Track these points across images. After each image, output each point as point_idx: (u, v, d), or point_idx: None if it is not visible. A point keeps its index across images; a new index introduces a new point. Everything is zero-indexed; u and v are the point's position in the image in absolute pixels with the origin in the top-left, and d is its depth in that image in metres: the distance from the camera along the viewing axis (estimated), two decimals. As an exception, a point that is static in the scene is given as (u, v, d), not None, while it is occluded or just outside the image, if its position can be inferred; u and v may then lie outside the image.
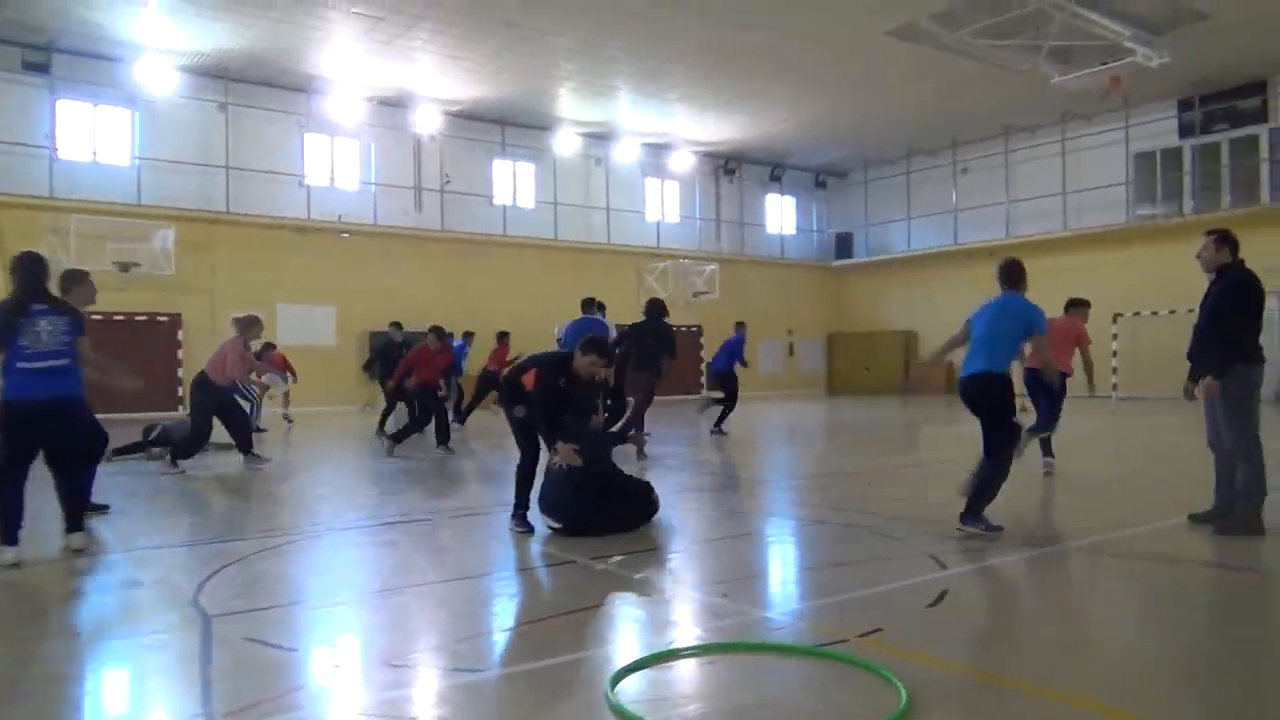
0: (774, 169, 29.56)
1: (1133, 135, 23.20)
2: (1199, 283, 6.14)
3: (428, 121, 22.27)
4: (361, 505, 7.71)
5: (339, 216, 21.67)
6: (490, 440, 13.32)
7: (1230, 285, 5.76)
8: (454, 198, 23.36)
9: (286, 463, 10.98)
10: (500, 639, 4.00)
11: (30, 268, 5.52)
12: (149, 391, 18.72)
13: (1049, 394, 8.44)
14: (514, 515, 6.18)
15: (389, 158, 22.62)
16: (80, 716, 3.16)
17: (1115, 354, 21.85)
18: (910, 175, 28.49)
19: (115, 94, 19.13)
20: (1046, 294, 26.53)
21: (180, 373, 19.43)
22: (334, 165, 22.04)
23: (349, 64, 19.37)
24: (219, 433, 9.88)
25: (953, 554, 5.22)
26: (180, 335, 19.60)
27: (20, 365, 5.34)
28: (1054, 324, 7.87)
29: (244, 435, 9.95)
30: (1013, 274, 6.14)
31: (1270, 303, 7.03)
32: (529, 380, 6.11)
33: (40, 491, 5.69)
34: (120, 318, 18.49)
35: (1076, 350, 8.79)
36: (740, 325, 15.12)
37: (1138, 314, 21.70)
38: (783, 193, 30.41)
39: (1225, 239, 5.92)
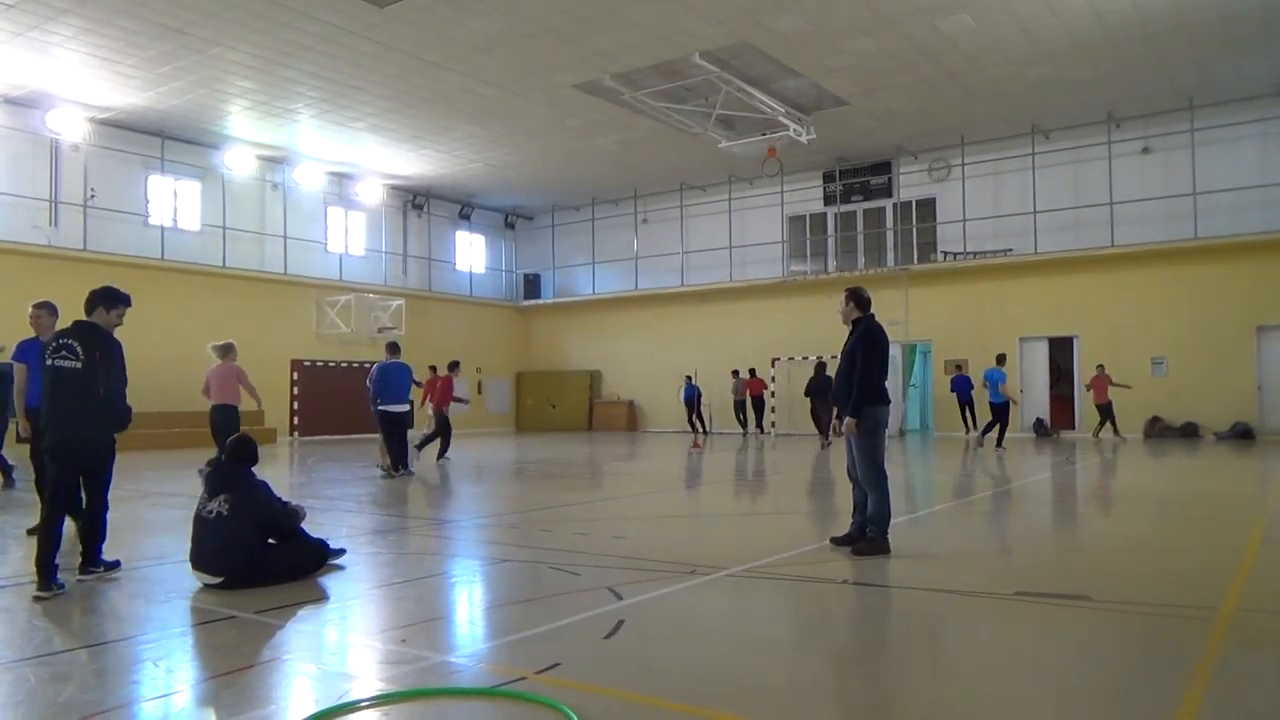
0: (464, 207, 29.56)
1: (787, 200, 26.01)
2: (842, 333, 6.97)
3: (69, 127, 19.73)
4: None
5: (-51, 228, 18.47)
6: (129, 486, 11.88)
7: (860, 335, 6.63)
8: (100, 215, 20.81)
9: None
10: (143, 711, 3.53)
11: None
12: None
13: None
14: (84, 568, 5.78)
15: (17, 165, 19.65)
16: None
17: (774, 394, 24.09)
18: (595, 222, 29.77)
19: None
20: (717, 337, 28.48)
21: None
22: (-55, 167, 18.80)
23: (-31, 52, 16.66)
24: None
25: (629, 585, 5.42)
26: None
27: None
28: None
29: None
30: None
31: (893, 351, 8.13)
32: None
33: None
34: None
35: None
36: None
37: (793, 359, 24.18)
38: (472, 231, 30.47)
39: (854, 295, 6.80)
